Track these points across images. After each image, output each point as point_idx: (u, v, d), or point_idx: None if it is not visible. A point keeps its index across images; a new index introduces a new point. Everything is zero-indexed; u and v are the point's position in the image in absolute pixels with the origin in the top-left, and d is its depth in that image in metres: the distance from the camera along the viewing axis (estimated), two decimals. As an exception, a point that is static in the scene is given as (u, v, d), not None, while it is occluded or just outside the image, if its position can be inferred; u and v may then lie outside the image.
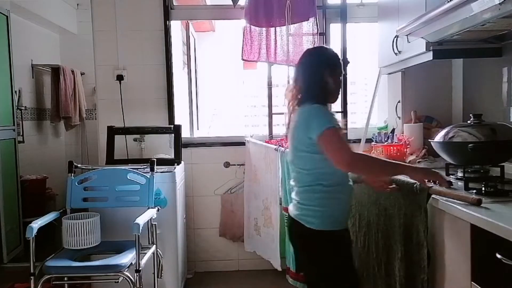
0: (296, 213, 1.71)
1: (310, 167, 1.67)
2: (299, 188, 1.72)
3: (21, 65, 4.13)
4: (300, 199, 1.70)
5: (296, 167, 1.72)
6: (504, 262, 1.18)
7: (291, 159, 1.75)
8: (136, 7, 3.18)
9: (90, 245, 2.35)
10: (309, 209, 1.67)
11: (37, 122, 4.56)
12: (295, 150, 1.70)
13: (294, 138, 1.70)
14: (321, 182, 1.65)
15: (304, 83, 1.74)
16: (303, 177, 1.69)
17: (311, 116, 1.65)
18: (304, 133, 1.64)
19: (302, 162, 1.69)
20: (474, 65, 2.50)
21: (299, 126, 1.67)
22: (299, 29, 3.09)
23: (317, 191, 1.66)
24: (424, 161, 2.46)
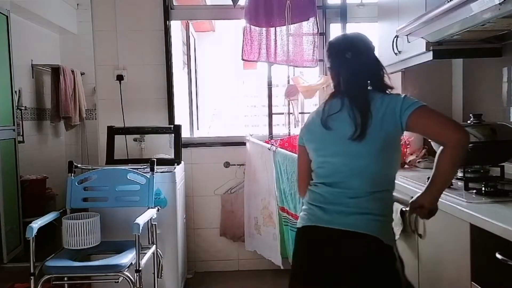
0: (373, 226, 1.37)
1: (388, 167, 1.44)
2: (371, 194, 1.40)
3: (21, 65, 4.13)
4: (373, 209, 1.38)
5: (379, 163, 1.41)
6: (504, 262, 1.18)
7: (373, 155, 1.39)
8: (136, 7, 3.18)
9: (90, 245, 2.35)
10: (386, 221, 1.43)
11: (37, 122, 4.56)
12: (379, 142, 1.38)
13: (378, 127, 1.37)
14: (391, 186, 1.46)
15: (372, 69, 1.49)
16: (380, 180, 1.42)
17: (404, 96, 1.40)
18: (396, 118, 1.36)
19: (385, 161, 1.42)
20: (474, 65, 2.50)
21: (390, 108, 1.38)
22: (299, 29, 3.09)
23: (389, 198, 1.46)
24: (424, 161, 2.46)
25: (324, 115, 1.47)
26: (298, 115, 3.23)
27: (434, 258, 1.69)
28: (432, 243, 1.71)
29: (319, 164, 1.51)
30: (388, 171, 1.44)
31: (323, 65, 3.35)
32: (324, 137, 1.47)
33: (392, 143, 1.41)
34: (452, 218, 1.49)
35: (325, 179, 1.47)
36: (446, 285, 1.60)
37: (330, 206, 1.42)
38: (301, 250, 1.50)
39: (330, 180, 1.45)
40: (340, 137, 1.42)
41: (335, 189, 1.43)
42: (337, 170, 1.44)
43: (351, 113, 1.40)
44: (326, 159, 1.48)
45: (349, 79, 1.47)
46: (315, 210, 1.46)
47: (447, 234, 1.57)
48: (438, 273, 1.66)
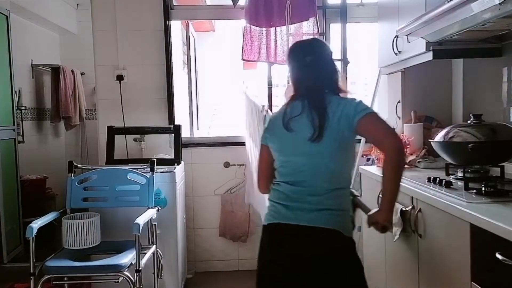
0: (334, 221, 1.47)
1: (345, 166, 1.55)
2: (331, 192, 1.50)
3: (21, 65, 4.13)
4: (332, 205, 1.49)
5: (336, 161, 1.51)
6: (504, 262, 1.18)
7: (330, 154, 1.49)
8: (136, 7, 3.18)
9: (90, 245, 2.35)
10: (345, 215, 1.53)
11: (37, 122, 4.56)
12: (336, 142, 1.49)
13: (335, 127, 1.47)
14: (348, 183, 1.57)
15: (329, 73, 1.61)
16: (338, 178, 1.53)
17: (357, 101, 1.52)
18: (349, 120, 1.47)
19: (342, 161, 1.53)
20: (474, 65, 2.50)
21: (344, 112, 1.48)
22: (299, 29, 3.09)
23: (347, 194, 1.58)
24: (424, 161, 2.46)
25: (286, 118, 1.56)
26: (298, 115, 3.22)
27: (434, 258, 1.69)
28: (432, 243, 1.71)
29: (281, 163, 1.59)
30: (344, 170, 1.55)
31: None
32: (286, 138, 1.56)
33: (347, 144, 1.53)
34: (452, 218, 1.49)
35: (287, 178, 1.56)
36: (446, 285, 1.60)
37: (293, 203, 1.51)
38: (267, 247, 1.56)
39: (292, 179, 1.54)
40: (301, 139, 1.51)
41: (297, 187, 1.52)
42: (298, 169, 1.53)
43: (309, 115, 1.51)
44: (288, 159, 1.57)
45: (309, 83, 1.58)
46: (279, 208, 1.54)
47: (447, 234, 1.57)
48: (438, 273, 1.66)
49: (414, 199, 1.84)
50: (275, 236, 1.54)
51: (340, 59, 3.29)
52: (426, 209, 1.74)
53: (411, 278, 1.91)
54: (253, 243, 3.20)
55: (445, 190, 1.68)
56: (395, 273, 2.17)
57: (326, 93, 1.55)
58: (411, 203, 1.87)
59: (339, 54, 3.29)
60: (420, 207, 1.78)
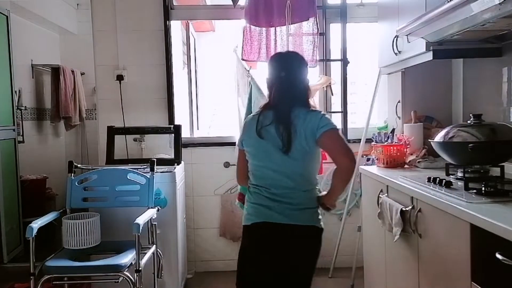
0: (312, 218, 1.72)
1: (313, 169, 1.76)
2: (306, 191, 1.72)
3: (21, 65, 4.13)
4: (308, 204, 1.72)
5: (302, 168, 1.71)
6: (504, 262, 1.18)
7: (297, 162, 1.69)
8: (136, 7, 3.18)
9: (90, 245, 2.36)
10: (317, 211, 1.76)
11: (37, 122, 4.56)
12: (303, 152, 1.68)
13: (302, 139, 1.67)
14: (316, 183, 1.79)
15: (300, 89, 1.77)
16: (309, 180, 1.75)
17: (322, 116, 1.71)
18: (313, 133, 1.67)
19: (309, 166, 1.74)
20: (474, 65, 2.50)
21: (309, 125, 1.67)
22: (299, 29, 3.09)
23: (316, 192, 1.78)
24: (424, 161, 2.46)
25: (258, 126, 1.73)
26: (298, 115, 3.22)
27: (434, 258, 1.69)
28: (432, 243, 1.71)
29: (255, 167, 1.77)
30: (312, 172, 1.76)
31: (323, 65, 3.35)
32: (259, 144, 1.73)
33: (313, 152, 1.71)
34: (452, 218, 1.49)
35: (262, 182, 1.74)
36: (446, 285, 1.60)
37: (275, 204, 1.69)
38: (254, 245, 1.74)
39: (267, 183, 1.72)
40: (273, 147, 1.69)
41: (275, 190, 1.70)
42: (270, 175, 1.71)
43: (278, 128, 1.68)
44: (261, 164, 1.74)
45: (279, 96, 1.74)
46: (260, 209, 1.72)
47: (447, 234, 1.57)
48: (438, 273, 1.66)
49: (414, 199, 1.84)
50: (261, 234, 1.71)
51: (340, 59, 3.29)
52: (426, 209, 1.74)
53: (411, 278, 1.91)
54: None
55: (445, 190, 1.69)
56: (395, 273, 2.17)
57: (295, 106, 1.71)
58: (411, 203, 1.87)
59: (339, 54, 3.29)
60: (420, 207, 1.78)
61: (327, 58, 3.33)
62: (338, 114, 3.36)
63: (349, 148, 1.68)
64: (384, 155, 2.53)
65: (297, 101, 1.73)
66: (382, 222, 2.19)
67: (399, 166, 2.51)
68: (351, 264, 3.03)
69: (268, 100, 1.80)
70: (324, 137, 1.66)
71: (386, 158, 2.52)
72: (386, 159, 2.52)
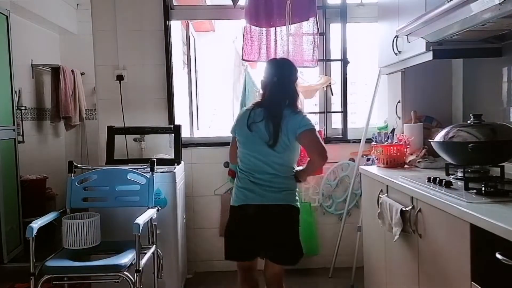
0: (289, 199, 2.05)
1: (292, 160, 2.08)
2: (284, 177, 2.05)
3: (21, 65, 4.13)
4: (285, 187, 2.05)
5: (283, 160, 2.03)
6: (504, 262, 1.18)
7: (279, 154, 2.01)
8: (136, 7, 3.18)
9: (90, 245, 2.35)
10: (294, 192, 2.09)
11: (37, 122, 4.56)
12: (285, 147, 2.00)
13: (284, 136, 1.99)
14: (293, 171, 2.10)
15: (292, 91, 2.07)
16: (288, 169, 2.06)
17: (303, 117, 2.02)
18: (294, 132, 1.99)
19: (290, 158, 2.06)
20: (474, 65, 2.50)
21: (292, 125, 1.99)
22: (299, 29, 3.09)
23: (293, 177, 2.10)
24: (424, 161, 2.46)
25: (250, 121, 2.03)
26: (298, 115, 3.22)
27: (434, 258, 1.69)
28: (432, 243, 1.71)
29: (243, 154, 2.08)
30: (291, 163, 2.08)
31: (323, 65, 3.35)
32: (249, 136, 2.04)
33: (293, 147, 2.03)
34: (452, 218, 1.49)
35: (248, 167, 2.06)
36: (446, 285, 1.60)
37: (256, 188, 2.02)
38: (238, 222, 2.09)
39: (252, 168, 2.04)
40: (260, 139, 2.01)
41: (258, 175, 2.03)
42: (255, 162, 2.03)
43: (267, 124, 1.99)
44: (249, 153, 2.06)
45: (271, 98, 2.05)
46: (245, 192, 2.05)
47: (447, 234, 1.57)
48: (438, 273, 1.66)
49: (414, 199, 1.84)
50: (244, 213, 2.05)
51: (340, 59, 3.29)
52: (426, 209, 1.74)
53: (411, 278, 1.91)
54: (253, 243, 3.20)
55: (445, 190, 1.68)
56: (395, 273, 2.17)
57: (284, 108, 2.01)
58: (411, 203, 1.87)
59: (339, 54, 3.29)
60: (420, 207, 1.78)
61: (327, 58, 3.34)
62: (338, 114, 3.36)
63: (322, 146, 2.01)
64: (384, 155, 2.53)
65: (287, 103, 2.03)
66: (382, 222, 2.19)
67: (399, 166, 2.51)
68: (351, 264, 3.03)
69: (261, 99, 2.09)
70: (302, 135, 1.98)
71: (386, 158, 2.52)
72: (386, 159, 2.52)
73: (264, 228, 2.02)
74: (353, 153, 3.26)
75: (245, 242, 2.06)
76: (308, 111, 3.46)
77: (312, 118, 3.57)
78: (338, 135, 3.37)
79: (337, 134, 3.38)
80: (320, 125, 3.42)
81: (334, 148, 3.25)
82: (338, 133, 3.38)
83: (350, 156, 3.29)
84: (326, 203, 3.31)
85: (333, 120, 3.42)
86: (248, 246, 2.07)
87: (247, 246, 2.07)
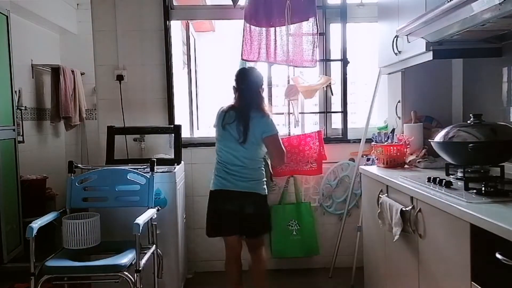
0: (255, 187, 2.44)
1: (259, 155, 2.46)
2: (251, 169, 2.43)
3: (21, 65, 4.13)
4: (253, 177, 2.43)
5: (250, 155, 2.41)
6: (504, 262, 1.18)
7: (247, 150, 2.39)
8: (136, 7, 3.19)
9: (90, 245, 2.36)
10: (261, 182, 2.47)
11: (37, 122, 4.56)
12: (252, 144, 2.39)
13: (252, 135, 2.37)
14: (261, 163, 2.50)
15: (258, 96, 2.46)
16: (255, 162, 2.45)
17: (268, 122, 2.41)
18: (260, 134, 2.38)
19: (257, 152, 2.44)
20: (474, 65, 2.50)
21: (259, 127, 2.38)
22: (299, 29, 3.09)
23: (262, 168, 2.50)
24: (424, 161, 2.46)
25: (224, 122, 2.42)
26: (298, 115, 3.23)
27: (434, 258, 1.69)
28: (432, 243, 1.71)
29: (219, 149, 2.48)
30: (259, 157, 2.46)
31: (323, 65, 3.35)
32: (223, 133, 2.43)
33: (259, 144, 2.42)
34: (452, 218, 1.49)
35: (222, 160, 2.45)
36: (446, 285, 1.60)
37: (229, 177, 2.42)
38: (214, 202, 2.49)
39: (226, 161, 2.44)
40: (232, 137, 2.40)
41: (230, 167, 2.42)
42: (228, 156, 2.43)
43: (238, 126, 2.38)
44: (223, 148, 2.45)
45: (241, 103, 2.43)
46: (220, 180, 2.45)
47: (447, 234, 1.57)
48: (438, 273, 1.67)
49: (414, 199, 1.84)
50: (219, 196, 2.46)
51: (340, 59, 3.29)
52: (426, 209, 1.74)
53: (411, 278, 1.91)
54: (253, 243, 3.20)
55: (445, 190, 1.69)
56: (395, 273, 2.17)
57: (251, 110, 2.39)
58: (411, 203, 1.87)
59: (339, 54, 3.29)
60: (420, 207, 1.78)
61: (327, 58, 3.34)
62: (338, 114, 3.37)
63: (281, 149, 2.44)
64: (384, 155, 2.53)
65: (253, 107, 2.40)
66: (382, 222, 2.19)
67: (399, 166, 2.51)
68: (351, 264, 3.03)
69: (234, 102, 2.46)
70: (266, 139, 2.40)
71: (386, 158, 2.52)
72: (386, 159, 2.52)
73: (235, 210, 2.41)
74: (353, 153, 3.26)
75: (221, 219, 2.46)
76: (308, 111, 3.48)
77: (312, 118, 3.62)
78: (338, 135, 3.37)
79: (337, 134, 3.38)
80: (320, 125, 3.43)
81: (334, 148, 3.26)
82: (338, 133, 3.38)
83: (350, 156, 3.29)
84: (326, 203, 3.31)
85: (333, 120, 3.42)
86: (224, 223, 2.46)
87: (223, 223, 2.46)
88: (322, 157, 3.16)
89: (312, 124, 3.63)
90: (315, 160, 3.16)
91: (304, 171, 3.19)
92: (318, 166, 3.17)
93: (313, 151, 3.16)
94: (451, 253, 1.54)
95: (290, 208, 3.23)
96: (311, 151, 3.16)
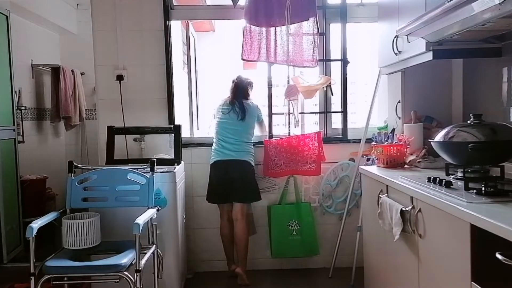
0: (246, 157, 3.04)
1: (250, 132, 3.12)
2: (243, 143, 3.05)
3: (21, 65, 4.13)
4: (244, 149, 3.04)
5: (242, 129, 3.05)
6: (504, 262, 1.18)
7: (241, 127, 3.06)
8: (136, 7, 3.19)
9: (90, 245, 2.36)
10: (251, 153, 3.07)
11: (37, 122, 4.56)
12: (247, 124, 3.07)
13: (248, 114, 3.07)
14: (251, 138, 3.15)
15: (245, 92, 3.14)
16: (247, 137, 3.08)
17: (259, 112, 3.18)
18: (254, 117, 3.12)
19: (250, 130, 3.11)
20: (474, 65, 2.50)
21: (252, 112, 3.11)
22: (299, 29, 3.09)
23: (251, 142, 3.12)
24: (424, 161, 2.46)
25: (225, 111, 3.08)
26: (298, 115, 3.23)
27: (434, 258, 1.69)
28: (432, 243, 1.71)
29: (219, 128, 3.07)
30: (251, 134, 3.11)
31: (323, 65, 3.35)
32: (223, 117, 3.07)
33: (253, 124, 3.11)
34: (452, 218, 1.49)
35: (221, 136, 3.05)
36: (446, 285, 1.60)
37: (225, 150, 3.02)
38: (214, 173, 3.07)
39: (223, 137, 3.04)
40: (230, 120, 3.04)
41: (226, 141, 3.03)
42: (226, 134, 3.03)
43: (235, 111, 3.05)
44: (223, 127, 3.05)
45: (234, 95, 3.09)
46: (218, 153, 3.04)
47: (447, 234, 1.57)
48: (438, 273, 1.67)
49: (414, 199, 1.84)
50: (217, 166, 3.04)
51: (340, 59, 3.29)
52: (426, 209, 1.74)
53: (411, 278, 1.91)
54: (254, 244, 3.20)
55: (445, 190, 1.68)
56: (395, 273, 2.17)
57: (240, 98, 3.07)
58: (411, 203, 1.87)
59: (339, 54, 3.29)
60: (420, 207, 1.78)
61: (327, 58, 3.34)
62: (338, 114, 3.37)
63: (265, 128, 3.26)
64: (384, 155, 2.53)
65: (243, 97, 3.10)
66: (382, 222, 2.19)
67: (399, 166, 2.51)
68: (351, 264, 3.03)
69: (229, 97, 3.12)
70: (258, 123, 3.17)
71: (386, 158, 2.52)
72: (386, 159, 2.52)
73: (230, 177, 2.98)
74: (353, 153, 3.26)
75: (219, 188, 3.03)
76: (308, 111, 3.48)
77: (312, 118, 3.62)
78: (338, 135, 3.37)
79: (337, 134, 3.38)
80: (320, 125, 3.43)
81: (334, 148, 3.26)
82: (338, 133, 3.38)
83: (350, 156, 3.29)
84: (326, 203, 3.31)
85: (333, 120, 3.42)
86: (221, 191, 3.02)
87: (221, 191, 3.03)
88: (321, 158, 3.17)
89: (312, 124, 3.63)
90: (314, 161, 3.17)
91: (303, 171, 3.19)
92: (317, 167, 3.17)
93: (312, 152, 3.16)
94: (451, 253, 1.54)
95: (290, 208, 3.23)
96: (310, 151, 3.16)
